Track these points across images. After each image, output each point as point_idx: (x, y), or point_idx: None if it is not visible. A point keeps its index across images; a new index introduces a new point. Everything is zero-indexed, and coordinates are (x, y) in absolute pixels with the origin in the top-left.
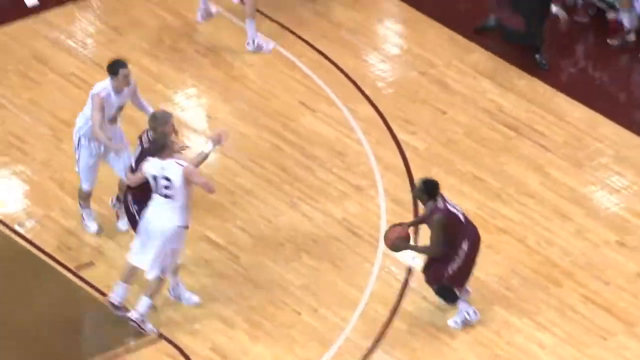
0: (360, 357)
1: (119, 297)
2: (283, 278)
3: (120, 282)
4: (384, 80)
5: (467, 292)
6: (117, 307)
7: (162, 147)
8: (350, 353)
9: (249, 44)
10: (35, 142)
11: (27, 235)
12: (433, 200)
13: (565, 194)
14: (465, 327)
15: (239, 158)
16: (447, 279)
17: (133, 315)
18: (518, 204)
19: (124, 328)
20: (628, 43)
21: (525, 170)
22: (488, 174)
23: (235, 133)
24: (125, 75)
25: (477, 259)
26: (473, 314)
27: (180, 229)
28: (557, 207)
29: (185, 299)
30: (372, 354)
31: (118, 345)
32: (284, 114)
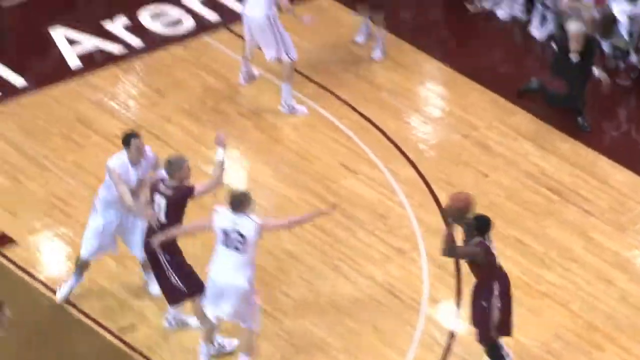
0: None
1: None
2: (324, 342)
3: (203, 343)
4: (426, 143)
5: (508, 356)
6: None
7: (240, 202)
8: None
9: (283, 106)
10: (79, 204)
11: (69, 298)
12: (481, 237)
13: (609, 259)
14: None
15: None
16: (495, 333)
17: None
18: (561, 269)
19: None
20: None
21: (569, 235)
22: (531, 238)
23: (277, 195)
24: (137, 146)
25: (512, 305)
26: None
27: (252, 285)
28: (600, 271)
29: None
30: None
31: None
32: (326, 176)
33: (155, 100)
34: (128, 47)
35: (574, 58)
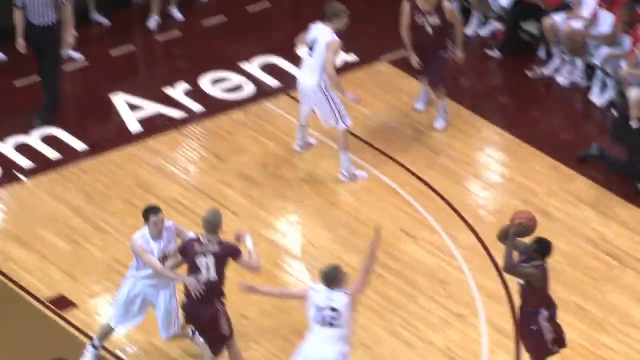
0: None
1: None
2: None
3: None
4: (485, 208)
5: None
6: None
7: (335, 278)
8: None
9: (344, 175)
10: None
11: None
12: (541, 261)
13: None
14: None
15: None
16: (552, 346)
17: None
18: (621, 334)
19: None
20: None
21: (629, 300)
22: (591, 304)
23: (337, 260)
24: (155, 223)
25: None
26: None
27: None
28: None
29: None
30: None
31: None
32: (386, 241)
33: (215, 165)
34: (189, 111)
35: (635, 124)
